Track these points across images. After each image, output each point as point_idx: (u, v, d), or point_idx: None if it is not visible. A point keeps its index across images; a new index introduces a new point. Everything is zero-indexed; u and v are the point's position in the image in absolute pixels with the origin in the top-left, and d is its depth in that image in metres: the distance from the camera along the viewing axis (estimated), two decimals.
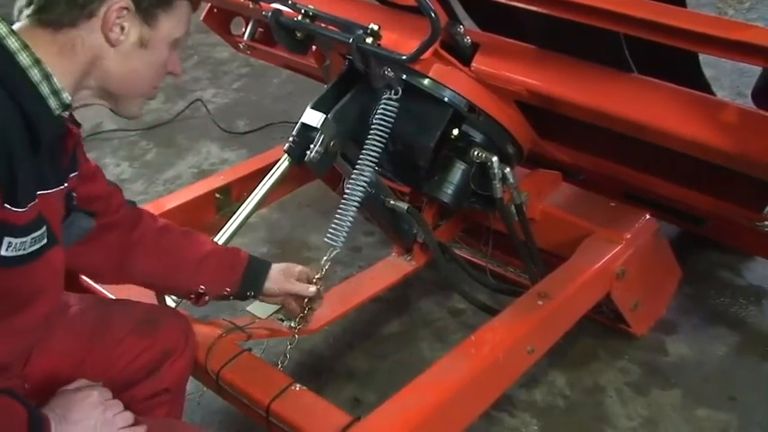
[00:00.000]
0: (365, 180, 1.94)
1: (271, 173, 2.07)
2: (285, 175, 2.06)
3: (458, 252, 2.49)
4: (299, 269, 1.86)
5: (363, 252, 2.79)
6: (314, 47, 2.28)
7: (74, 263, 1.52)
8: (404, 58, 1.85)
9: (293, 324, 1.90)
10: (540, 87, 1.98)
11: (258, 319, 1.92)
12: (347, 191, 1.95)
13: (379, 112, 1.96)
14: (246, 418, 1.82)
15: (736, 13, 4.64)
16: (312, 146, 1.92)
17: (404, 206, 2.19)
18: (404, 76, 1.98)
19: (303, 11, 1.99)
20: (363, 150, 1.95)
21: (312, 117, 1.97)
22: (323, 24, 1.99)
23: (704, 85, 2.26)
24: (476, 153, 2.05)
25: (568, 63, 1.97)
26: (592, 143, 2.22)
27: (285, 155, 2.03)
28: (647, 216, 2.24)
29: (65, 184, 1.37)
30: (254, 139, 3.65)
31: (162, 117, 3.86)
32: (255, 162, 2.65)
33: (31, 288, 1.30)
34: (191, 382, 1.79)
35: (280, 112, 3.84)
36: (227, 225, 2.07)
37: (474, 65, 2.03)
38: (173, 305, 1.93)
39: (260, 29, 2.98)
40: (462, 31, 2.00)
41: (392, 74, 1.92)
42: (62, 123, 1.30)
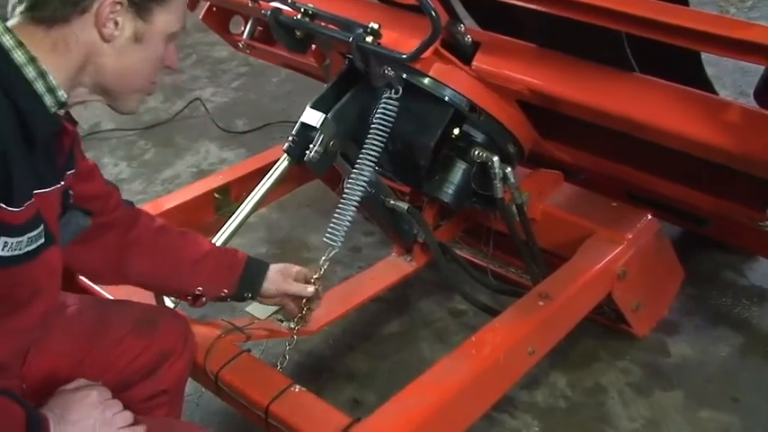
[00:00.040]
0: (364, 179, 1.94)
1: (270, 172, 2.06)
2: (284, 175, 2.05)
3: (458, 252, 2.48)
4: (296, 269, 1.85)
5: (363, 252, 2.78)
6: (313, 46, 2.27)
7: (72, 263, 1.51)
8: (404, 57, 1.85)
9: (292, 325, 1.90)
10: (541, 86, 1.98)
11: (257, 319, 1.91)
12: (346, 190, 1.94)
13: (379, 111, 1.95)
14: (245, 420, 1.80)
15: (738, 11, 4.64)
16: (312, 145, 1.92)
17: (404, 206, 2.18)
18: (404, 76, 1.97)
19: (303, 9, 1.99)
20: (363, 150, 1.94)
21: (312, 116, 1.96)
22: (323, 23, 1.99)
23: (706, 84, 2.25)
24: (477, 153, 2.04)
25: (569, 62, 1.96)
26: (593, 143, 2.22)
27: (284, 154, 2.02)
28: (648, 216, 2.24)
29: (61, 182, 1.36)
30: (253, 138, 3.64)
31: (160, 116, 3.85)
32: (254, 162, 2.64)
33: (29, 288, 1.29)
34: (189, 383, 1.79)
35: (279, 111, 3.83)
36: (226, 225, 2.06)
37: (475, 64, 2.03)
38: (171, 306, 1.92)
39: (259, 27, 2.97)
40: (463, 29, 1.99)
41: (392, 73, 1.92)
42: (57, 121, 1.29)
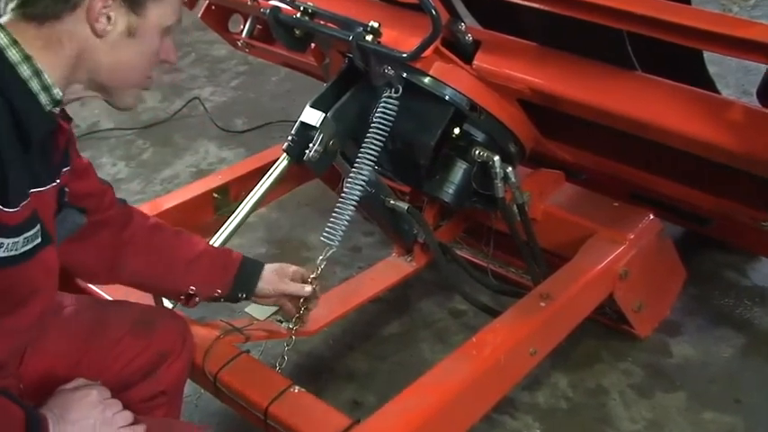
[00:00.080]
0: (363, 179, 1.93)
1: (269, 172, 2.05)
2: (284, 175, 2.05)
3: (459, 252, 2.48)
4: (293, 269, 1.84)
5: (363, 252, 2.77)
6: (313, 44, 2.26)
7: (66, 261, 1.50)
8: (404, 55, 1.84)
9: (290, 325, 1.89)
10: (543, 85, 1.97)
11: (256, 320, 1.90)
12: (345, 189, 1.94)
13: (379, 110, 1.95)
14: (244, 421, 1.80)
15: (740, 10, 4.62)
16: (311, 145, 1.91)
17: (404, 206, 2.17)
18: (404, 75, 1.97)
19: (302, 8, 1.98)
20: (362, 149, 1.94)
21: (311, 116, 1.95)
22: (322, 22, 1.98)
23: (708, 83, 2.24)
24: (477, 152, 2.04)
25: (571, 61, 1.96)
26: (595, 142, 2.21)
27: (284, 154, 2.01)
28: (650, 216, 2.23)
29: (57, 180, 1.36)
30: (252, 137, 3.62)
31: (159, 116, 3.83)
32: (254, 161, 2.64)
33: (25, 288, 1.28)
34: (188, 385, 1.78)
35: (278, 110, 3.82)
36: (224, 225, 2.05)
37: (475, 63, 2.02)
38: (169, 306, 1.91)
39: (258, 26, 2.96)
40: (464, 28, 1.99)
41: (392, 72, 1.91)
42: (53, 120, 1.28)
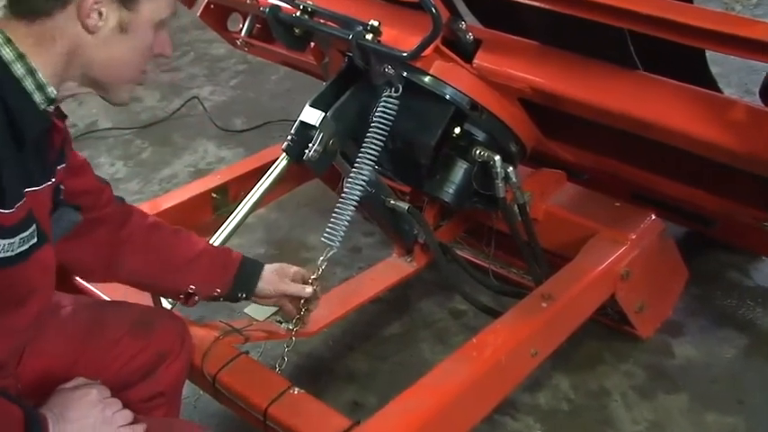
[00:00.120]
0: (363, 179, 1.92)
1: (269, 172, 2.05)
2: (283, 175, 2.04)
3: (459, 253, 2.47)
4: (293, 270, 1.83)
5: (363, 253, 2.76)
6: (312, 43, 2.26)
7: (63, 259, 1.49)
8: (404, 54, 1.84)
9: (291, 326, 1.88)
10: (544, 84, 1.97)
11: (256, 321, 1.89)
12: (345, 189, 1.93)
13: (378, 110, 1.94)
14: (244, 422, 1.79)
15: (743, 9, 4.62)
16: (311, 144, 1.90)
17: (404, 206, 2.17)
18: (404, 74, 1.96)
19: (302, 7, 1.98)
20: (362, 149, 1.93)
21: (311, 115, 1.95)
22: (322, 20, 1.98)
23: (711, 83, 2.24)
24: (478, 152, 2.03)
25: (572, 60, 1.95)
26: (596, 142, 2.20)
27: (283, 153, 2.01)
28: (652, 216, 2.22)
29: (53, 178, 1.35)
30: (251, 137, 3.61)
31: (157, 115, 3.82)
32: (253, 161, 2.63)
33: (23, 288, 1.27)
34: (187, 386, 1.77)
35: (278, 109, 3.81)
36: (223, 225, 2.04)
37: (476, 62, 2.01)
38: (168, 307, 1.90)
39: (257, 25, 2.96)
40: (464, 27, 1.98)
41: (392, 71, 1.90)
42: (47, 118, 1.28)
